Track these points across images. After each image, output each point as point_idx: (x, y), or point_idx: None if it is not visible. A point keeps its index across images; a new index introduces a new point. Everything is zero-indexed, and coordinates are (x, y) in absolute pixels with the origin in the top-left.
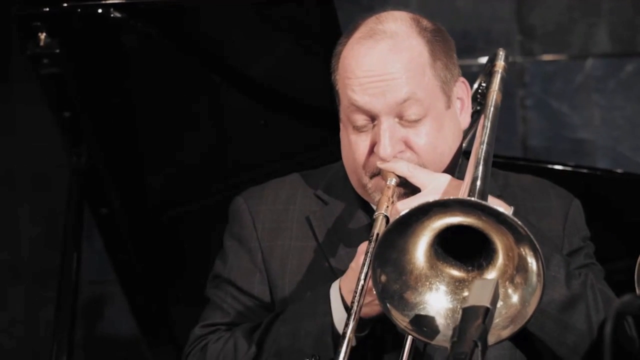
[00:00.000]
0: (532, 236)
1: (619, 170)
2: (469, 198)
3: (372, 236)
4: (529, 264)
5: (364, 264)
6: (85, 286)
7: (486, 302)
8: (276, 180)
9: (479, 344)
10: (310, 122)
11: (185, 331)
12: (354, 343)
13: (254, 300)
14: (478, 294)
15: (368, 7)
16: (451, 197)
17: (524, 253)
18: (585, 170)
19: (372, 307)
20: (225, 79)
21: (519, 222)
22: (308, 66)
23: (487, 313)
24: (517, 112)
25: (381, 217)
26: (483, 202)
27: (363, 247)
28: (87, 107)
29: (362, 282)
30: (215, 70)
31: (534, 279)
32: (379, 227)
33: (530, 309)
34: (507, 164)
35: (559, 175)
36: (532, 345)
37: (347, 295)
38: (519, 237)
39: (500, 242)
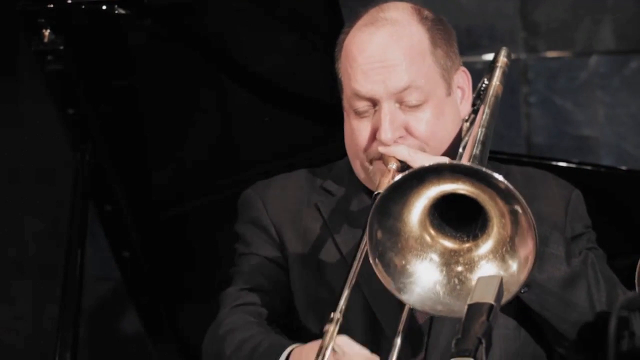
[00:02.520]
0: (518, 194)
1: (623, 167)
2: (460, 162)
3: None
4: (522, 227)
5: (354, 257)
6: (89, 283)
7: (490, 299)
8: (282, 175)
9: (483, 340)
10: (316, 117)
11: (190, 328)
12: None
13: (273, 265)
14: (482, 291)
15: (372, 3)
16: (443, 162)
17: (515, 217)
18: (589, 167)
19: None
20: (231, 75)
21: (505, 181)
22: (313, 62)
23: (492, 310)
24: (521, 109)
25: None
26: (473, 166)
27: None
28: (92, 103)
29: (352, 272)
30: (220, 66)
31: (527, 242)
32: None
33: (524, 274)
34: (511, 161)
35: (562, 172)
36: (536, 324)
37: None
38: (508, 198)
39: (492, 209)
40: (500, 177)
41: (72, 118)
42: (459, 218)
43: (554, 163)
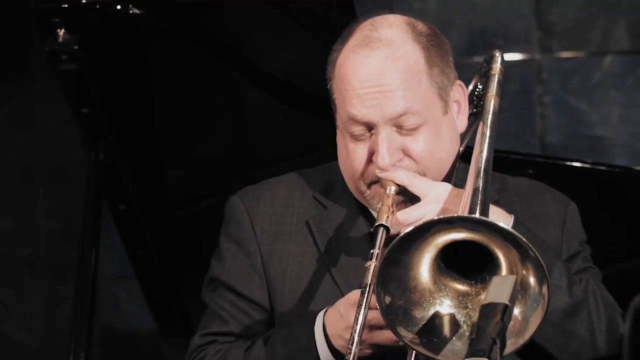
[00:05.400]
0: (539, 256)
1: (637, 167)
2: (473, 216)
3: (369, 266)
4: (533, 281)
5: (356, 318)
6: (103, 282)
7: (505, 299)
8: (273, 180)
9: (498, 341)
10: (329, 117)
11: None
12: None
13: (252, 305)
14: (497, 291)
15: (387, 3)
16: (455, 215)
17: (528, 270)
18: (603, 168)
19: (364, 350)
20: (244, 74)
21: (528, 243)
22: (327, 61)
23: (506, 310)
24: (535, 109)
25: (381, 230)
26: (488, 220)
27: (355, 296)
28: (106, 103)
29: (355, 336)
30: (234, 65)
31: (538, 295)
32: (379, 243)
33: (534, 324)
34: (525, 161)
35: (576, 173)
36: (534, 353)
37: (334, 338)
38: (525, 255)
39: (504, 257)
40: (517, 233)
41: (86, 117)
42: (466, 260)
43: (568, 163)
